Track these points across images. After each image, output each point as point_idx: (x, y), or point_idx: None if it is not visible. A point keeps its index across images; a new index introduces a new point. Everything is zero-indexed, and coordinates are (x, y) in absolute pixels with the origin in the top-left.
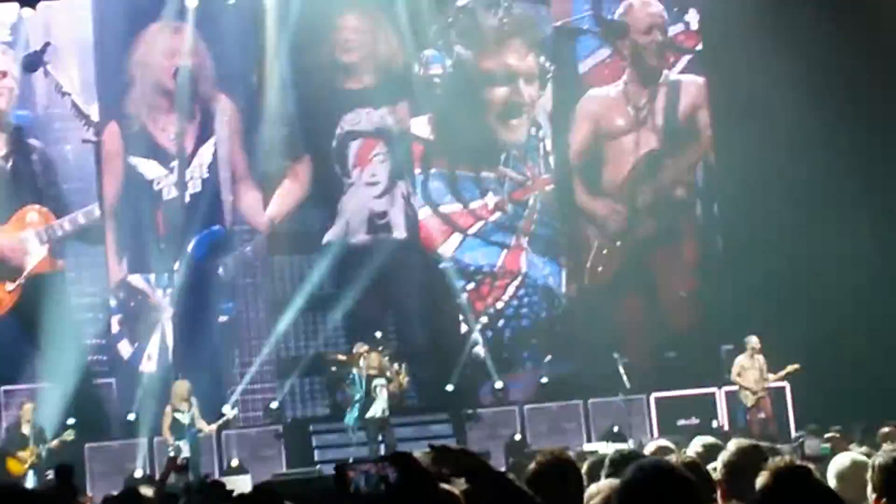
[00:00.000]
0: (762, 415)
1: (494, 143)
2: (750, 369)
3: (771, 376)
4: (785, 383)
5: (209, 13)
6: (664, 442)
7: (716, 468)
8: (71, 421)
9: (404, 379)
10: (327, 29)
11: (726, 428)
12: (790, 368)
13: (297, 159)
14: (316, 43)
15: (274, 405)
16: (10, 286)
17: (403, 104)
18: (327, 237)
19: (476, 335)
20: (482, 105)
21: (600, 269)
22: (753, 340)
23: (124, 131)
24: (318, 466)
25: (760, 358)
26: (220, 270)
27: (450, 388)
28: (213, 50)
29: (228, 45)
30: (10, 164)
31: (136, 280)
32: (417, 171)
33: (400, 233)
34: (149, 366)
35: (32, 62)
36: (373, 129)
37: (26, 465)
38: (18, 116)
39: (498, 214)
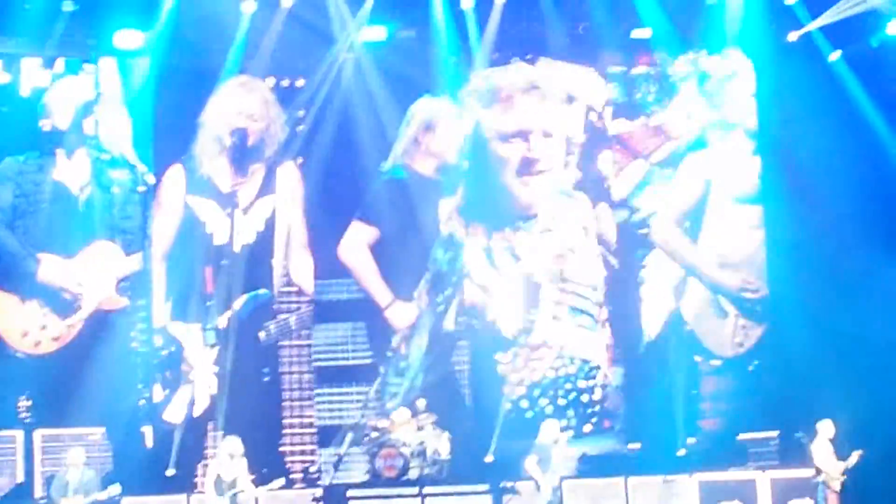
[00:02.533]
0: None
1: None
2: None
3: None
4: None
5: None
6: None
7: None
8: (112, 475)
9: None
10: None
11: None
12: (856, 455)
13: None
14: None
15: (313, 469)
16: (71, 321)
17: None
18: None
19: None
20: None
21: None
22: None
23: (188, 173)
24: None
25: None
26: (262, 335)
27: (489, 459)
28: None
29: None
30: (84, 195)
31: (177, 329)
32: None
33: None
34: (175, 416)
35: None
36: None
37: None
38: (103, 149)
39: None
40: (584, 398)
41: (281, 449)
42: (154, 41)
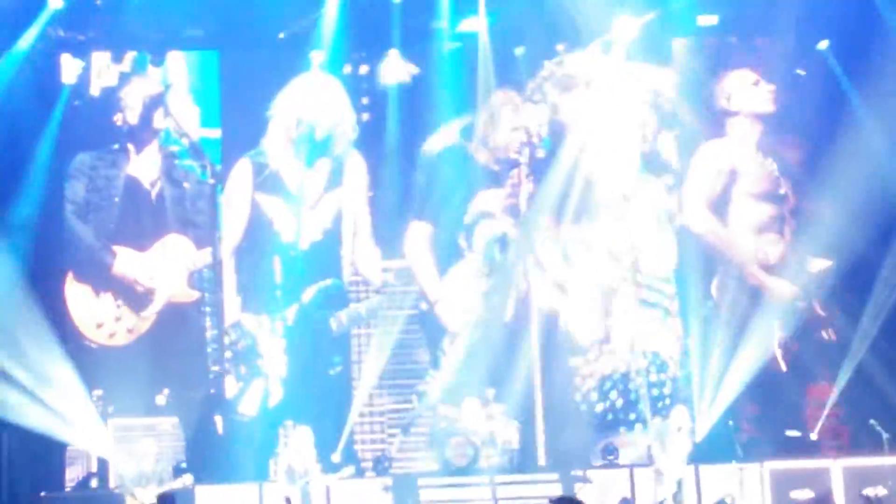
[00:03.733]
0: None
1: None
2: None
3: None
4: None
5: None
6: None
7: None
8: (184, 464)
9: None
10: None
11: None
12: None
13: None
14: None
15: (383, 458)
16: (145, 313)
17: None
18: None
19: None
20: None
21: None
22: None
23: (255, 167)
24: None
25: None
26: (333, 324)
27: (560, 448)
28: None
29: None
30: (156, 189)
31: (249, 321)
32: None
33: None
34: (249, 408)
35: None
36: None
37: None
38: (173, 141)
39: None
40: (655, 392)
41: (352, 438)
42: (221, 34)
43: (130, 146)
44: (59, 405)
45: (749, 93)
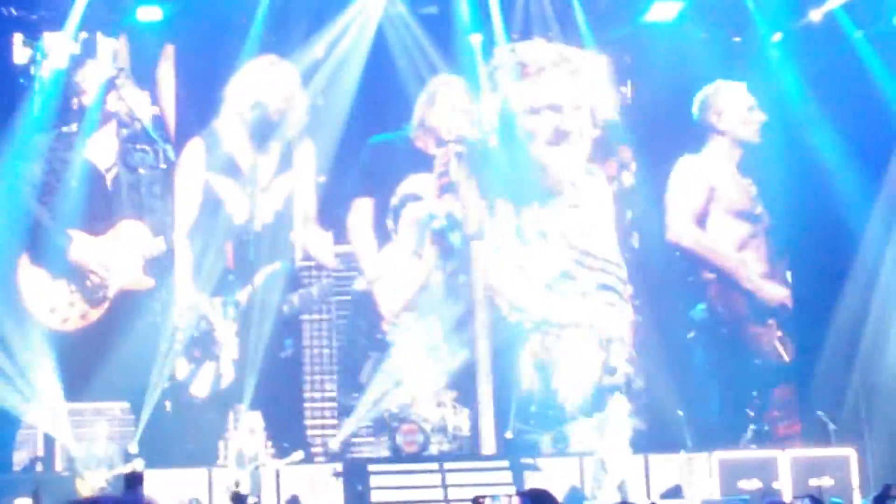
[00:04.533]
0: None
1: None
2: None
3: None
4: None
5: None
6: None
7: None
8: (135, 450)
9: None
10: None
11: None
12: None
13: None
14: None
15: (333, 443)
16: (98, 300)
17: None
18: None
19: None
20: None
21: None
22: None
23: (208, 148)
24: None
25: None
26: (285, 308)
27: (509, 435)
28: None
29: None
30: (113, 175)
31: (202, 304)
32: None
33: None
34: (200, 391)
35: None
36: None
37: (95, 490)
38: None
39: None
40: (608, 378)
41: (302, 423)
42: (174, 16)
43: (86, 127)
44: (9, 387)
45: (741, 116)
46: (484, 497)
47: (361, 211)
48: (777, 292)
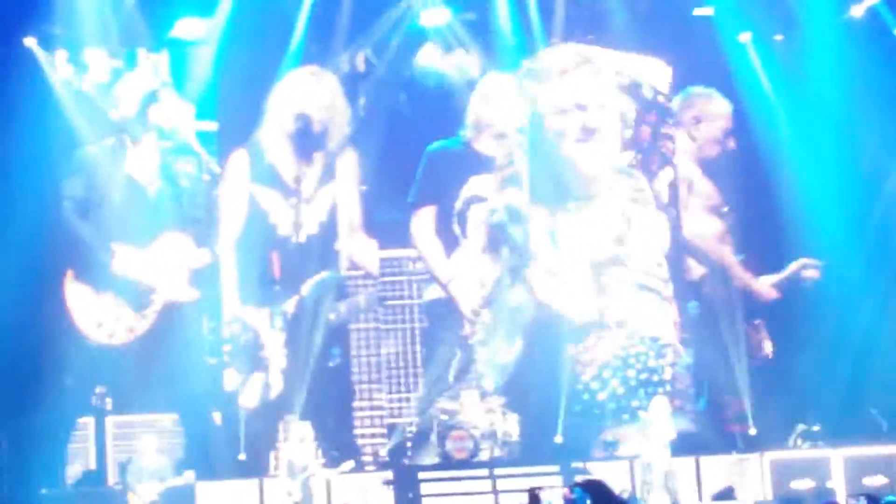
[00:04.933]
0: None
1: None
2: None
3: None
4: None
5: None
6: None
7: None
8: (185, 461)
9: None
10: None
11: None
12: None
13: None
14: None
15: (383, 452)
16: (144, 313)
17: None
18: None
19: None
20: None
21: None
22: None
23: (252, 159)
24: None
25: None
26: (332, 316)
27: (559, 440)
28: (352, 104)
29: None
30: (154, 187)
31: (250, 315)
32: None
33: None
34: (250, 401)
35: None
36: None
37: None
38: (168, 137)
39: None
40: (655, 378)
41: (352, 432)
42: (216, 29)
43: (127, 142)
44: (62, 402)
45: (716, 137)
46: (540, 488)
47: (424, 219)
48: (765, 288)
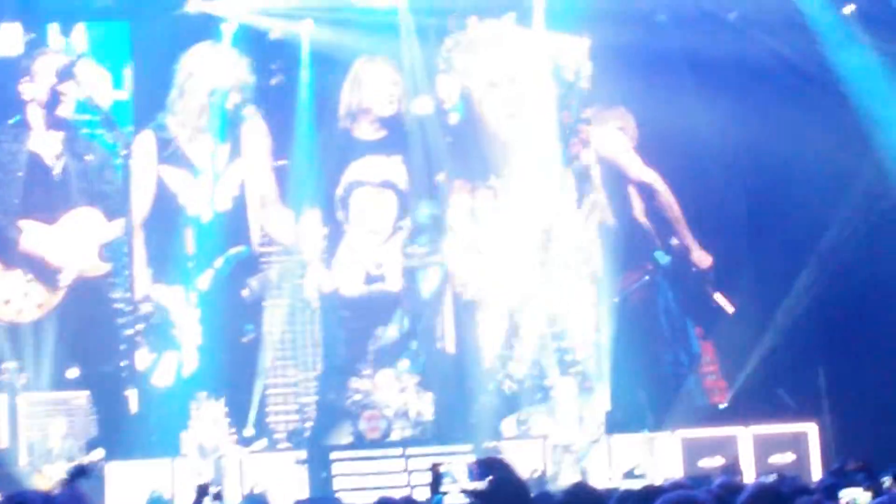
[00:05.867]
0: None
1: None
2: None
3: None
4: None
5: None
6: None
7: None
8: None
9: None
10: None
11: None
12: None
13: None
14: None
15: (295, 430)
16: (54, 288)
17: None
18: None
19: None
20: None
21: None
22: None
23: (159, 141)
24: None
25: None
26: (245, 292)
27: (472, 419)
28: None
29: (265, 73)
30: (62, 163)
31: (162, 293)
32: None
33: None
34: (162, 380)
35: None
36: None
37: (53, 483)
38: (86, 110)
39: None
40: (567, 357)
41: (265, 410)
42: (132, 3)
43: (32, 119)
44: None
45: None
46: (440, 464)
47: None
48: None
